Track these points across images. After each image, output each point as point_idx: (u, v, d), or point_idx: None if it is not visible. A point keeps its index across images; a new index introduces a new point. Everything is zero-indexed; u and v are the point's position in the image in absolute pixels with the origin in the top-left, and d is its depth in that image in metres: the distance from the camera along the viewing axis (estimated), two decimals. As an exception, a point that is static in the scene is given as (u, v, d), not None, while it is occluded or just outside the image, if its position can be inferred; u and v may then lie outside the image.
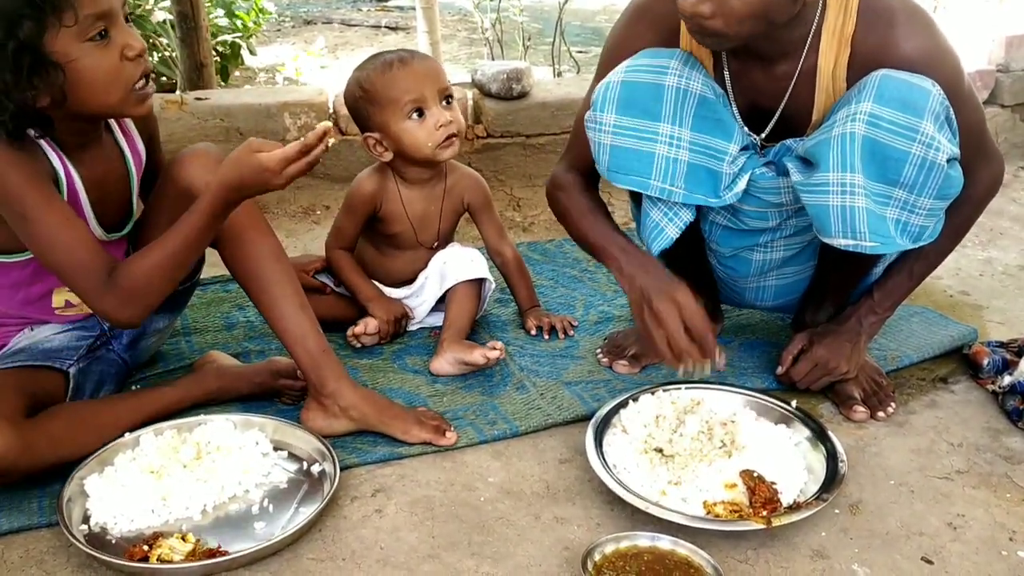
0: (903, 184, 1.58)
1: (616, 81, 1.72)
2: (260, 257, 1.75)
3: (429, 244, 2.22)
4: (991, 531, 1.56)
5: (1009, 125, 3.55)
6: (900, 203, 1.60)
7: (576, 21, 6.27)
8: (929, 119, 1.56)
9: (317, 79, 4.84)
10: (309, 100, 3.13)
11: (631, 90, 1.70)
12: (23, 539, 1.51)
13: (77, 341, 1.78)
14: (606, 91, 1.72)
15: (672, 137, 1.69)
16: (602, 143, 1.73)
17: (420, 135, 2.04)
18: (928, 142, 1.55)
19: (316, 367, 1.74)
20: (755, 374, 2.01)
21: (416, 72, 2.03)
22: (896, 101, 1.56)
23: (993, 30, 3.54)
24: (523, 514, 1.59)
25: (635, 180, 1.72)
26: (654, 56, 1.72)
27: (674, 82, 1.68)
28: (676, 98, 1.68)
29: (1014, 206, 3.08)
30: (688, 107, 1.69)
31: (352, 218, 2.17)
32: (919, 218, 1.62)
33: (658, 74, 1.69)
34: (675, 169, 1.70)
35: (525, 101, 3.20)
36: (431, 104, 2.04)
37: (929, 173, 1.57)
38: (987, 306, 2.40)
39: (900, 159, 1.56)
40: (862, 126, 1.57)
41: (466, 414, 1.86)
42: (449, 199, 2.19)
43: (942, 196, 1.62)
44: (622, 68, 1.73)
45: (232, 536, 1.51)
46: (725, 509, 1.53)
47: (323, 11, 7.32)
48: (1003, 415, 1.89)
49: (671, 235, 1.78)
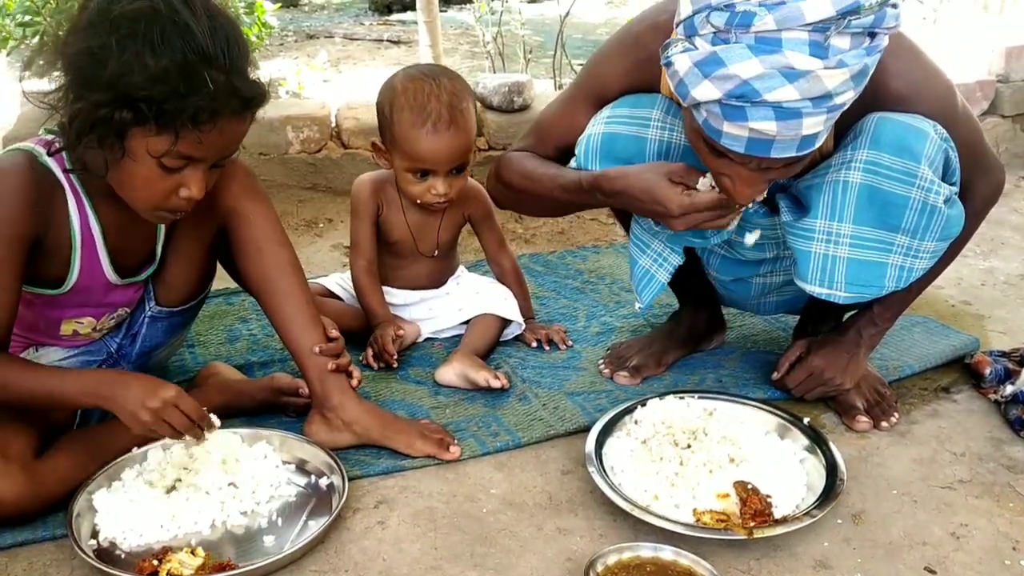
0: (905, 230, 1.58)
1: (598, 133, 1.72)
2: (276, 267, 1.75)
3: (429, 253, 2.24)
4: (994, 541, 1.56)
5: (1010, 135, 3.56)
6: (903, 249, 1.60)
7: (577, 34, 6.29)
8: (925, 164, 1.56)
9: (320, 93, 4.85)
10: (312, 114, 3.15)
11: (613, 142, 1.71)
12: (27, 552, 1.51)
13: (82, 366, 1.77)
14: (588, 144, 1.73)
15: None
16: None
17: (414, 189, 2.07)
18: (927, 187, 1.56)
19: (322, 379, 1.75)
20: (757, 384, 2.01)
21: (441, 145, 1.99)
22: (893, 146, 1.56)
23: (993, 41, 3.55)
24: (525, 525, 1.59)
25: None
26: (635, 105, 1.72)
27: (657, 135, 1.69)
28: (659, 151, 1.69)
29: (1015, 216, 3.08)
30: (672, 159, 1.69)
31: (360, 223, 2.17)
32: (923, 262, 1.63)
33: (640, 127, 1.70)
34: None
35: (527, 113, 3.22)
36: (438, 174, 2.04)
37: (931, 217, 1.58)
38: (989, 316, 2.40)
39: (900, 204, 1.57)
40: (858, 174, 1.57)
41: (468, 425, 1.87)
42: (449, 210, 2.20)
43: (944, 238, 1.62)
44: (603, 118, 1.73)
45: (241, 550, 1.51)
46: (712, 518, 1.53)
47: (326, 25, 7.35)
48: (1005, 424, 1.89)
49: (662, 280, 1.80)
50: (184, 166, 1.45)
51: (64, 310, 1.69)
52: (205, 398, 1.85)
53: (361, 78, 5.48)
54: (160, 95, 1.35)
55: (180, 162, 1.44)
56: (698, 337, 2.16)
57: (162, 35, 1.35)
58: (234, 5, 4.10)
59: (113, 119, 1.37)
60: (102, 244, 1.63)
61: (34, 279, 1.60)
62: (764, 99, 1.33)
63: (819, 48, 1.31)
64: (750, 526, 1.50)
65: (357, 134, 3.15)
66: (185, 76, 1.35)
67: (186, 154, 1.43)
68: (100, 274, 1.65)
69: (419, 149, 2.00)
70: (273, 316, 1.77)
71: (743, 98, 1.34)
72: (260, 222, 1.73)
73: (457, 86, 2.03)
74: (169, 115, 1.36)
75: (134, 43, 1.35)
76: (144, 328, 1.82)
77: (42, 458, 1.57)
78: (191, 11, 1.37)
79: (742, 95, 1.34)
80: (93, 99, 1.37)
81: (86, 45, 1.38)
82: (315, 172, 3.16)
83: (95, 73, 1.36)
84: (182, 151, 1.41)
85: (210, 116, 1.39)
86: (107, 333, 1.80)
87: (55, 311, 1.69)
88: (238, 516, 1.58)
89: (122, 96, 1.35)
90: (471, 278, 2.35)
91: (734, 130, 1.39)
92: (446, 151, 2.00)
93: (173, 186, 1.47)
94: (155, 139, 1.40)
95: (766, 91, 1.32)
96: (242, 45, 1.45)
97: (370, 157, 3.10)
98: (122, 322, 1.80)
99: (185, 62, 1.35)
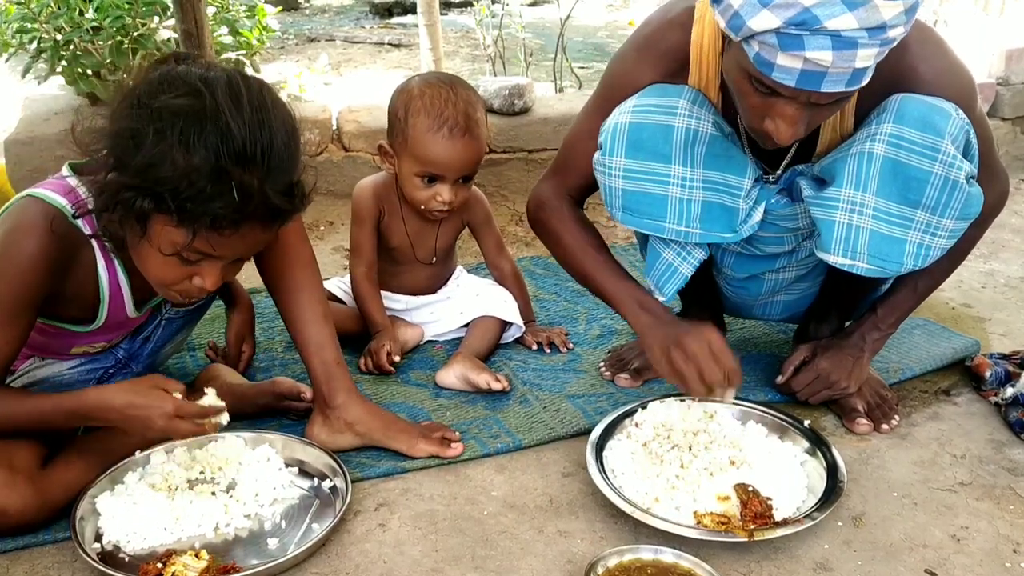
0: (925, 205, 1.57)
1: (624, 122, 1.69)
2: (295, 263, 1.75)
3: (426, 260, 2.24)
4: (995, 543, 1.56)
5: (1010, 138, 3.56)
6: (923, 226, 1.58)
7: (578, 37, 6.29)
8: (948, 139, 1.55)
9: (321, 96, 4.86)
10: (313, 117, 3.15)
11: (639, 131, 1.67)
12: (28, 555, 1.52)
13: (88, 374, 1.78)
14: (614, 133, 1.69)
15: (684, 179, 1.66)
16: (613, 187, 1.71)
17: (419, 194, 2.06)
18: (950, 161, 1.55)
19: (329, 379, 1.75)
20: (758, 387, 2.01)
21: (455, 152, 1.99)
22: (917, 121, 1.56)
23: (993, 43, 3.55)
24: (526, 527, 1.59)
25: (650, 224, 1.71)
26: (662, 95, 1.69)
27: (684, 123, 1.66)
28: (686, 139, 1.66)
29: (1016, 219, 3.08)
30: (699, 147, 1.66)
31: (362, 228, 2.17)
32: (941, 240, 1.61)
33: (667, 115, 1.66)
34: (689, 210, 1.68)
35: (527, 116, 3.22)
36: (446, 181, 2.04)
37: (952, 193, 1.56)
38: (989, 318, 2.40)
39: (922, 179, 1.55)
40: (883, 147, 1.56)
41: (469, 428, 1.87)
42: (448, 218, 2.20)
43: (964, 216, 1.60)
44: (629, 107, 1.70)
45: (245, 553, 1.51)
46: (712, 520, 1.53)
47: (326, 29, 7.35)
48: (1006, 427, 1.89)
49: (685, 274, 1.77)
50: (201, 259, 1.44)
51: (80, 339, 1.70)
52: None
53: (362, 81, 5.49)
54: (184, 193, 1.33)
55: (197, 255, 1.43)
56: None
57: (199, 134, 1.32)
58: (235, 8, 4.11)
59: (135, 204, 1.36)
60: (128, 292, 1.63)
61: (55, 316, 1.61)
62: (824, 26, 1.34)
63: None
64: (751, 528, 1.50)
65: (358, 137, 3.15)
66: (213, 179, 1.32)
67: (202, 251, 1.42)
68: (123, 314, 1.66)
69: (432, 154, 2.00)
70: (284, 310, 1.78)
71: (802, 25, 1.34)
72: None
73: (472, 96, 2.04)
74: (190, 213, 1.35)
75: (170, 136, 1.32)
76: (160, 331, 1.83)
77: (48, 467, 1.57)
78: (237, 110, 1.34)
79: (802, 22, 1.34)
80: (122, 180, 1.36)
81: (127, 125, 1.36)
82: (316, 175, 3.15)
83: (128, 155, 1.35)
84: (198, 248, 1.40)
85: (232, 223, 1.37)
86: (115, 345, 1.80)
87: (69, 340, 1.70)
88: (242, 519, 1.58)
89: (148, 185, 1.34)
90: (471, 280, 2.35)
91: (788, 61, 1.39)
92: (459, 158, 2.01)
93: (188, 274, 1.47)
94: (174, 230, 1.38)
95: (826, 18, 1.33)
96: (289, 148, 1.41)
97: (371, 160, 3.12)
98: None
99: (216, 165, 1.32)
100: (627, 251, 2.80)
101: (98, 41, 3.36)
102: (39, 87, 3.61)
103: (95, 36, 3.34)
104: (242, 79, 1.40)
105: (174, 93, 1.35)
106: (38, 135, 2.92)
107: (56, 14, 3.35)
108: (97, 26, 3.33)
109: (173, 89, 1.35)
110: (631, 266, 2.67)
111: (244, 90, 1.37)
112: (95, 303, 1.61)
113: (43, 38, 3.38)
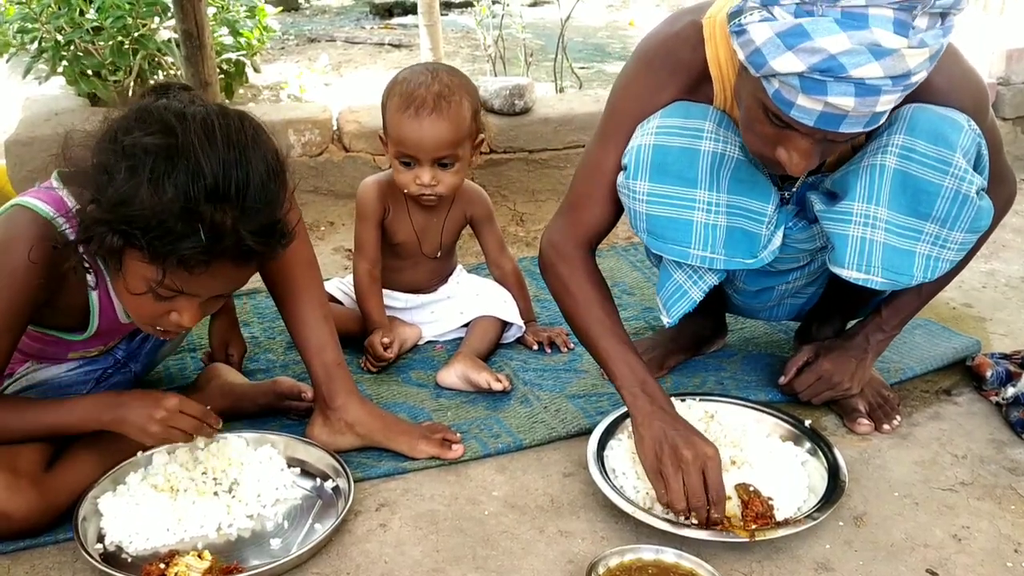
0: (935, 218, 1.56)
1: (648, 144, 1.64)
2: (295, 263, 1.74)
3: (432, 255, 2.24)
4: (996, 543, 1.56)
5: (1011, 138, 3.55)
6: (932, 238, 1.58)
7: (578, 37, 6.29)
8: (960, 153, 1.54)
9: (321, 97, 4.86)
10: (313, 117, 3.15)
11: (664, 155, 1.63)
12: (28, 555, 1.52)
13: (87, 375, 1.78)
14: (638, 155, 1.65)
15: (710, 204, 1.63)
16: (638, 211, 1.68)
17: (402, 178, 2.07)
18: (961, 175, 1.54)
19: (329, 380, 1.75)
20: (759, 387, 2.01)
21: (421, 130, 1.98)
22: (929, 133, 1.55)
23: (994, 43, 3.55)
24: (527, 528, 1.59)
25: (675, 249, 1.67)
26: (687, 116, 1.65)
27: (710, 147, 1.62)
28: (712, 163, 1.63)
29: (1017, 219, 3.08)
30: (725, 171, 1.63)
31: (366, 226, 2.18)
32: (951, 253, 1.60)
33: (693, 138, 1.63)
34: (714, 236, 1.64)
35: (528, 117, 3.22)
36: (421, 163, 2.03)
37: (962, 207, 1.55)
38: (990, 318, 2.40)
39: (933, 192, 1.54)
40: (893, 159, 1.55)
41: (470, 428, 1.87)
42: (452, 212, 2.20)
43: (974, 229, 1.59)
44: (652, 128, 1.65)
45: (248, 553, 1.52)
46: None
47: (327, 29, 7.35)
48: (1007, 427, 1.89)
49: (695, 298, 1.72)
50: (176, 296, 1.42)
51: (74, 346, 1.70)
52: (207, 401, 1.85)
53: (362, 82, 5.49)
54: (153, 232, 1.31)
55: (171, 292, 1.40)
56: (700, 341, 2.16)
57: (169, 172, 1.30)
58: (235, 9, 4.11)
59: (106, 240, 1.34)
60: (119, 302, 1.62)
61: (47, 324, 1.61)
62: (849, 75, 1.32)
63: (903, 27, 1.30)
64: (752, 528, 1.50)
65: (359, 137, 3.15)
66: (183, 218, 1.30)
67: (175, 288, 1.39)
68: (116, 321, 1.66)
69: (400, 133, 2.01)
70: (285, 311, 1.77)
71: (827, 72, 1.32)
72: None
73: (455, 81, 2.04)
74: (160, 252, 1.33)
75: (140, 174, 1.30)
76: None
77: (52, 469, 1.57)
78: (211, 147, 1.32)
79: (827, 69, 1.32)
80: (96, 214, 1.35)
81: (102, 160, 1.35)
82: (316, 175, 3.16)
83: (102, 190, 1.34)
84: (170, 286, 1.38)
85: (201, 263, 1.34)
86: (113, 347, 1.80)
87: (64, 347, 1.70)
88: (244, 519, 1.58)
89: (119, 221, 1.32)
90: (471, 279, 2.35)
91: (808, 103, 1.37)
92: (426, 137, 1.99)
93: (164, 310, 1.45)
94: (145, 267, 1.36)
95: (853, 67, 1.31)
96: (268, 187, 1.38)
97: (372, 160, 3.13)
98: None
99: (185, 206, 1.30)
100: (628, 251, 2.80)
101: (99, 41, 3.37)
102: (40, 87, 3.61)
103: (96, 36, 3.35)
104: (221, 115, 1.37)
105: (147, 130, 1.33)
106: (39, 136, 2.92)
107: (57, 14, 3.35)
108: (98, 26, 3.34)
109: (146, 126, 1.34)
110: (632, 266, 2.69)
111: (221, 126, 1.35)
112: (85, 313, 1.61)
113: (44, 38, 3.39)
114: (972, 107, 1.60)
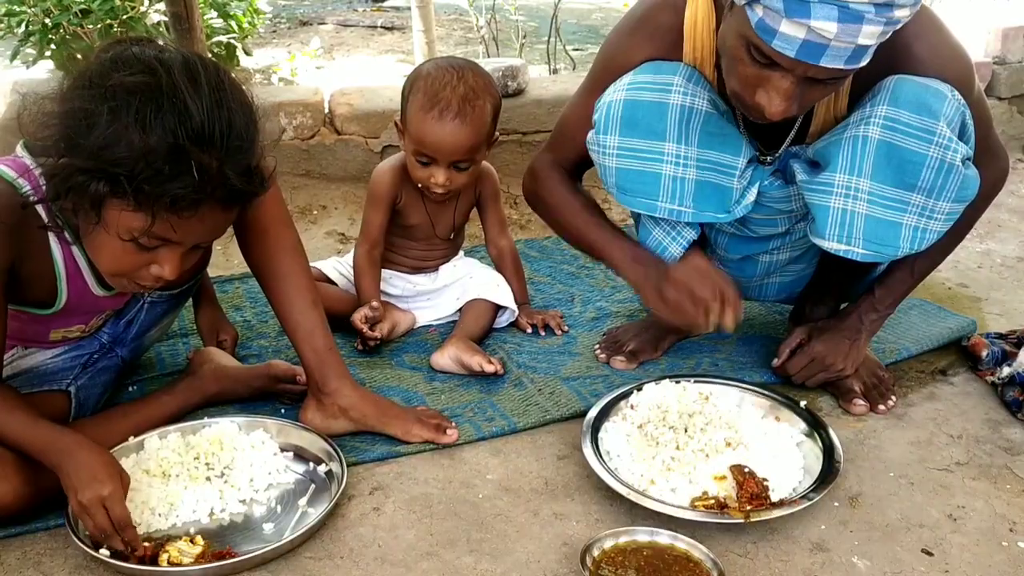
0: (921, 188, 1.55)
1: (618, 100, 1.67)
2: (279, 249, 1.73)
3: (445, 236, 2.25)
4: (991, 522, 1.55)
5: (1006, 117, 3.55)
6: (919, 209, 1.57)
7: (572, 19, 6.26)
8: (944, 122, 1.53)
9: (313, 79, 4.83)
10: (304, 100, 3.12)
11: (634, 109, 1.66)
12: (20, 541, 1.50)
13: (73, 361, 1.76)
14: (608, 111, 1.68)
15: (678, 156, 1.65)
16: (607, 165, 1.71)
17: (418, 174, 2.07)
18: (946, 144, 1.53)
19: (320, 365, 1.74)
20: (753, 368, 2.00)
21: (444, 134, 1.98)
22: (912, 103, 1.54)
23: (989, 22, 3.53)
24: (522, 510, 1.59)
25: (643, 202, 1.70)
26: (657, 72, 1.68)
27: (679, 100, 1.64)
28: (681, 116, 1.64)
29: (1012, 198, 3.08)
30: (694, 125, 1.65)
31: (376, 209, 2.17)
32: (938, 223, 1.59)
33: (662, 92, 1.65)
34: (683, 188, 1.67)
35: (521, 98, 3.20)
36: (439, 165, 2.03)
37: (947, 176, 1.55)
38: (986, 298, 2.39)
39: (918, 162, 1.54)
40: (877, 130, 1.55)
41: (464, 411, 1.86)
42: (464, 193, 2.20)
43: (960, 199, 1.59)
44: (624, 85, 1.69)
45: (241, 538, 1.50)
46: (703, 504, 1.52)
47: (319, 12, 7.31)
48: (1002, 406, 1.89)
49: (674, 254, 1.77)
50: (159, 246, 1.39)
51: (52, 323, 1.67)
52: (200, 385, 1.85)
53: (355, 65, 5.45)
54: (142, 174, 1.27)
55: (155, 242, 1.38)
56: (694, 321, 2.16)
57: (155, 112, 1.27)
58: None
59: (90, 188, 1.30)
60: (88, 269, 1.59)
61: (18, 300, 1.58)
62: None
63: None
64: (747, 509, 1.49)
65: (351, 120, 3.13)
66: (172, 159, 1.27)
67: (162, 236, 1.36)
68: (88, 293, 1.62)
69: (421, 133, 2.00)
70: (273, 298, 1.76)
71: None
72: (266, 202, 1.65)
73: (480, 83, 2.02)
74: (148, 195, 1.29)
75: (125, 116, 1.27)
76: (143, 314, 1.82)
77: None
78: (195, 89, 1.30)
79: None
80: (75, 163, 1.30)
81: (79, 106, 1.31)
82: (308, 159, 3.13)
83: (81, 137, 1.29)
84: (157, 232, 1.35)
85: (191, 204, 1.32)
86: (98, 329, 1.78)
87: (43, 325, 1.67)
88: (237, 504, 1.57)
89: (103, 167, 1.28)
90: (467, 262, 2.35)
91: (791, 29, 1.37)
92: (448, 142, 1.99)
93: (144, 262, 1.42)
94: (131, 215, 1.32)
95: None
96: (248, 130, 1.37)
97: (364, 143, 3.10)
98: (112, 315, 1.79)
99: (175, 144, 1.27)
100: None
101: (87, 24, 3.34)
102: (28, 71, 3.58)
103: (84, 19, 3.31)
104: (199, 60, 1.36)
105: (128, 71, 1.30)
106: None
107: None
108: (86, 9, 3.30)
109: (127, 68, 1.31)
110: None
111: (201, 70, 1.33)
112: (53, 283, 1.57)
113: (31, 21, 3.35)
114: (955, 79, 1.60)
